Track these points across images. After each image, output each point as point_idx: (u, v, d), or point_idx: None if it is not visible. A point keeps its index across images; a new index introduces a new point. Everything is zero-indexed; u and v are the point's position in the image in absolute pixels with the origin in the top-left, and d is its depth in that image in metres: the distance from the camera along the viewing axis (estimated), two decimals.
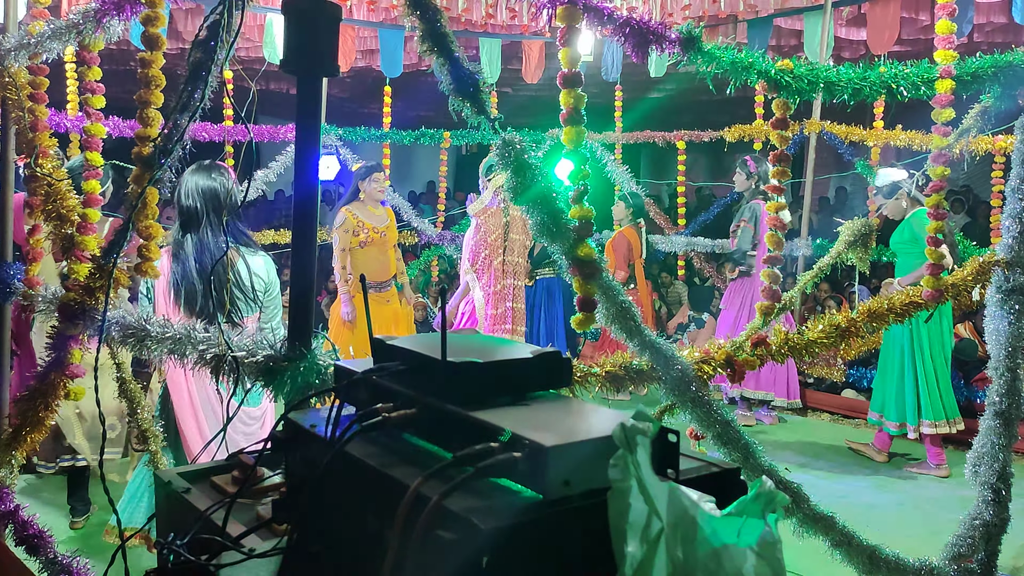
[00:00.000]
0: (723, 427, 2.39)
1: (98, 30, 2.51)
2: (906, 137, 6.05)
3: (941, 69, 2.72)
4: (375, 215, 5.50)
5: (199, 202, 2.92)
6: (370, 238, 5.39)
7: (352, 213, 5.41)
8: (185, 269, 2.90)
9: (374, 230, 5.42)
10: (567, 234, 2.15)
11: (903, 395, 5.06)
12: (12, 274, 3.14)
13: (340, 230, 5.38)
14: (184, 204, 2.94)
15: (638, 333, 2.25)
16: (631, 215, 6.56)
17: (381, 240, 5.45)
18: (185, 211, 2.95)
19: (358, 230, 5.37)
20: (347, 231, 5.37)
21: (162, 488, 1.45)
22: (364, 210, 5.46)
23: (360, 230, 5.38)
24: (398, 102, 7.65)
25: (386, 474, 0.93)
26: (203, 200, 2.93)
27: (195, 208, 2.92)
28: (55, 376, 2.67)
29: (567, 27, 2.17)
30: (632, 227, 6.54)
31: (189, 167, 3.00)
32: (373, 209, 5.51)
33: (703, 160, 13.87)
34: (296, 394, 1.79)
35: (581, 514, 0.84)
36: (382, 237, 5.45)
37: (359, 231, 5.37)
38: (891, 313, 2.79)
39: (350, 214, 5.40)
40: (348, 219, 5.39)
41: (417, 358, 1.04)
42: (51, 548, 2.76)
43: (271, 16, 6.63)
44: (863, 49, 7.40)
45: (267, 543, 1.19)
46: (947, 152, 2.85)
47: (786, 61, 2.53)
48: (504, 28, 7.96)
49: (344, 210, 5.45)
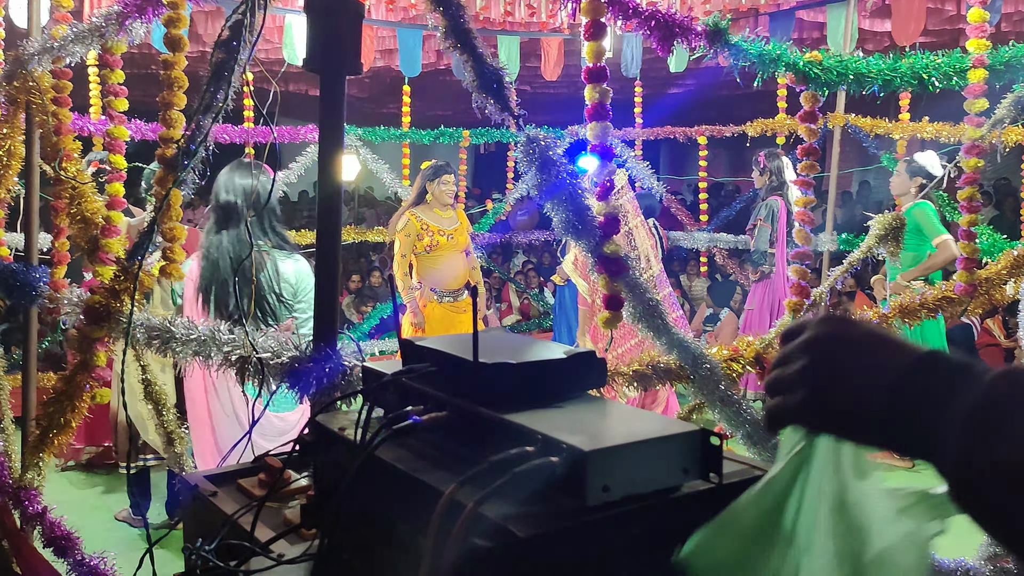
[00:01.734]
0: (753, 427, 2.35)
1: (120, 33, 2.52)
2: (933, 129, 5.94)
3: (974, 58, 2.66)
4: (443, 217, 5.15)
5: (239, 199, 2.87)
6: (436, 242, 5.02)
7: (415, 216, 5.06)
8: (215, 269, 2.86)
9: (440, 232, 5.05)
10: (593, 231, 2.12)
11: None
12: (38, 277, 3.16)
13: (402, 234, 5.02)
14: (223, 200, 2.89)
15: (666, 331, 2.21)
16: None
17: (450, 244, 5.08)
18: (224, 208, 2.90)
19: (422, 234, 5.02)
20: (408, 235, 5.01)
21: (188, 491, 1.44)
22: (430, 212, 5.11)
23: (425, 234, 5.03)
24: (417, 101, 7.64)
25: (418, 479, 0.90)
26: (243, 197, 2.88)
27: (234, 204, 2.87)
28: (81, 379, 2.68)
29: (592, 21, 2.14)
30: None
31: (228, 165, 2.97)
32: (440, 212, 5.15)
33: (724, 155, 13.75)
34: (321, 395, 1.78)
35: (621, 521, 0.81)
36: (450, 240, 5.08)
37: (423, 235, 5.02)
38: (923, 308, 2.74)
39: (413, 217, 5.06)
40: (411, 222, 5.04)
41: (448, 359, 1.01)
42: (79, 550, 2.78)
43: (291, 17, 6.64)
44: (887, 41, 7.29)
45: (295, 548, 1.17)
46: (980, 143, 2.79)
47: (815, 53, 2.48)
48: (523, 26, 7.93)
49: (408, 212, 5.10)
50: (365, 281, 9.36)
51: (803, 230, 2.72)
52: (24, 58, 3.01)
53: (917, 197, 5.04)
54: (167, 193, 2.12)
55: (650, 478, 0.84)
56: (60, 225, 3.02)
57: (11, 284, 3.41)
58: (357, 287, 9.27)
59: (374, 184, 13.73)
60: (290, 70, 7.05)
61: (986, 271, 2.90)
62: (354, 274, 9.42)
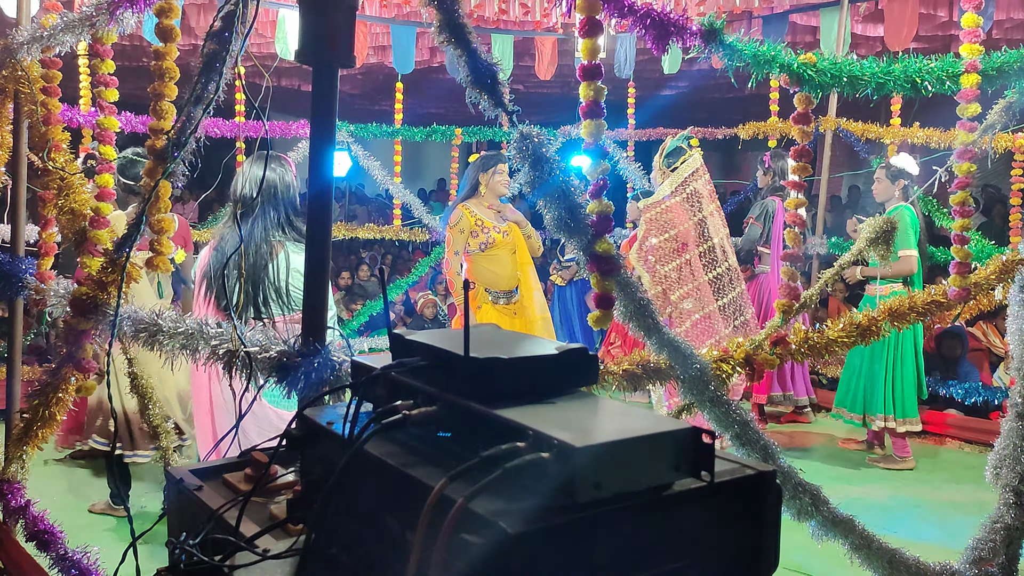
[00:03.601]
0: (742, 427, 2.35)
1: (111, 22, 2.49)
2: (924, 134, 5.98)
3: (967, 63, 2.66)
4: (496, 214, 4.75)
5: (256, 192, 2.86)
6: (492, 239, 4.61)
7: (470, 211, 4.64)
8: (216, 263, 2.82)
9: (496, 230, 4.64)
10: (585, 229, 2.11)
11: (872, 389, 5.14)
12: (24, 268, 3.13)
13: (455, 230, 4.61)
14: (242, 193, 2.88)
15: (656, 331, 2.21)
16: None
17: (505, 241, 4.66)
18: (241, 200, 2.88)
19: (477, 231, 4.62)
20: (463, 231, 4.60)
21: (173, 485, 1.42)
22: (483, 208, 4.68)
23: (480, 231, 4.62)
24: (410, 99, 7.62)
25: (407, 474, 0.89)
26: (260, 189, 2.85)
27: (251, 197, 2.85)
28: (67, 371, 2.65)
29: (587, 18, 2.13)
30: None
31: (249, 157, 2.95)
32: (491, 207, 4.74)
33: (716, 157, 13.80)
34: (310, 391, 1.77)
35: (611, 518, 0.81)
36: (506, 238, 4.66)
37: (479, 232, 4.62)
38: (912, 312, 2.74)
39: (467, 211, 4.63)
40: (465, 217, 4.63)
41: (438, 354, 1.01)
42: (62, 544, 2.75)
43: (284, 12, 6.61)
44: (880, 45, 7.32)
45: (281, 543, 1.16)
46: (972, 148, 2.80)
47: (809, 55, 2.49)
48: (516, 24, 7.92)
49: (461, 207, 4.68)
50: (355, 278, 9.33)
51: (793, 231, 2.73)
52: (13, 47, 2.98)
53: (900, 200, 5.14)
54: (155, 184, 2.10)
55: (641, 475, 0.83)
56: (47, 216, 2.99)
57: None
58: (347, 284, 9.24)
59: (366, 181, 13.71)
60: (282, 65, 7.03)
61: (975, 276, 2.91)
62: (344, 271, 9.39)
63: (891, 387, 5.08)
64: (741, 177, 12.07)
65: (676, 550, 0.86)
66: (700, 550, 0.87)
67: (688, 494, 0.85)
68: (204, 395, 2.97)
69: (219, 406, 2.97)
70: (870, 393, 5.15)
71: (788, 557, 3.72)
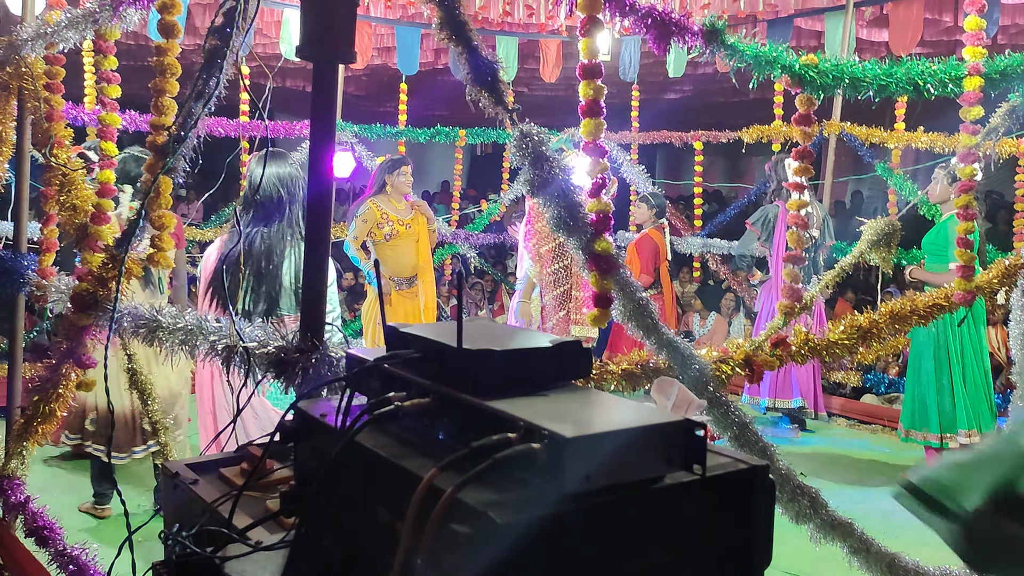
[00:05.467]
0: (740, 429, 2.35)
1: (115, 19, 2.50)
2: (928, 139, 5.95)
3: (969, 66, 2.66)
4: (400, 209, 5.43)
5: (283, 192, 2.79)
6: (395, 231, 5.31)
7: (376, 205, 5.34)
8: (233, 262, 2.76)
9: (399, 222, 5.34)
10: (584, 228, 2.11)
11: (942, 405, 4.76)
12: (26, 264, 3.13)
13: (359, 219, 5.30)
14: (265, 193, 2.80)
15: (655, 331, 2.21)
16: (654, 216, 6.34)
17: (408, 233, 5.37)
18: (264, 201, 2.80)
19: (382, 223, 5.29)
20: (365, 221, 5.29)
21: (169, 479, 1.43)
22: (388, 203, 5.39)
23: (385, 223, 5.30)
24: (414, 100, 7.63)
25: (398, 465, 0.89)
26: (287, 190, 2.80)
27: (274, 197, 2.78)
28: (67, 367, 2.65)
29: (588, 17, 2.13)
30: (656, 228, 6.31)
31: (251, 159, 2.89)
32: (396, 203, 5.42)
33: (720, 162, 13.79)
34: (308, 386, 1.76)
35: (601, 509, 0.80)
36: (408, 230, 5.37)
37: (383, 223, 5.30)
38: (914, 315, 2.73)
39: (374, 205, 5.33)
40: (371, 210, 5.33)
41: (432, 346, 1.00)
42: (60, 540, 2.75)
43: (288, 12, 6.62)
44: (884, 50, 7.31)
45: (275, 535, 1.15)
46: (975, 151, 2.79)
47: (811, 56, 2.48)
48: (521, 27, 7.93)
49: (369, 201, 5.37)
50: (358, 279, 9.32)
51: (795, 233, 2.72)
52: (17, 44, 2.99)
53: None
54: (155, 179, 2.10)
55: (632, 468, 0.83)
56: (49, 212, 3.00)
57: None
58: (350, 284, 9.23)
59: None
60: (287, 65, 7.03)
61: (977, 280, 2.90)
62: (347, 272, 9.38)
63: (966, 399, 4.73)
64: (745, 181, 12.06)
65: (667, 543, 0.85)
66: (691, 543, 0.87)
67: (679, 487, 0.85)
68: (207, 393, 2.97)
69: (221, 405, 2.97)
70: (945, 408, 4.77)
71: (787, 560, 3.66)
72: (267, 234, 2.80)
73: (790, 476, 2.42)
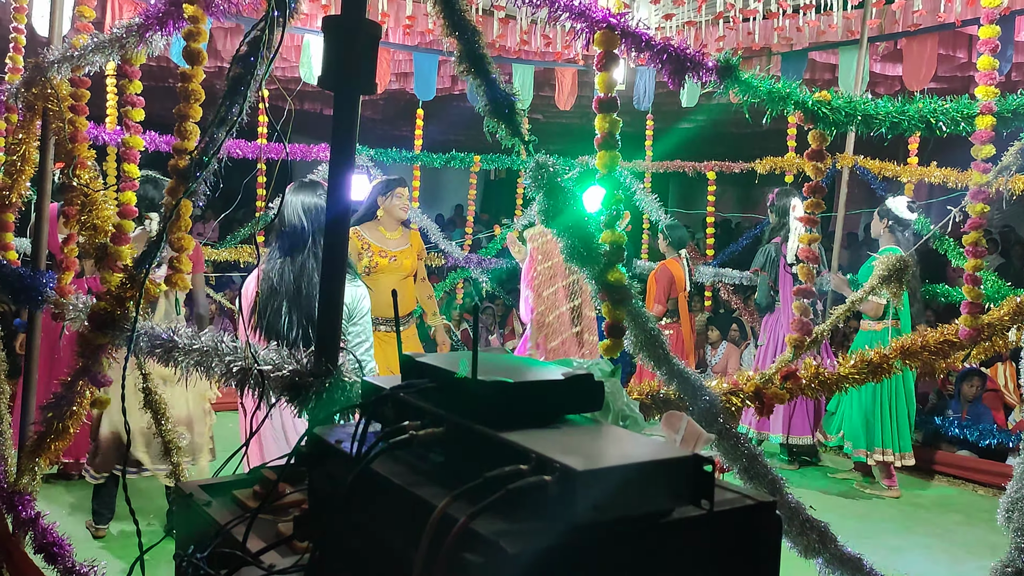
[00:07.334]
0: (750, 461, 2.35)
1: (140, 44, 2.55)
2: (941, 174, 5.97)
3: (982, 105, 2.68)
4: (388, 238, 4.57)
5: (305, 221, 2.78)
6: (376, 263, 4.44)
7: (358, 234, 4.48)
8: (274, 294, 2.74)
9: (381, 254, 4.46)
10: (598, 259, 2.13)
11: (871, 424, 5.36)
12: (44, 282, 3.18)
13: None
14: (290, 224, 2.79)
15: (666, 361, 2.22)
16: (670, 247, 6.41)
17: (392, 266, 4.49)
18: (290, 232, 2.80)
19: (362, 252, 4.45)
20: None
21: (183, 500, 1.44)
22: (375, 231, 4.55)
23: (365, 253, 4.45)
24: (430, 125, 7.71)
25: (412, 493, 0.91)
26: (309, 219, 2.78)
27: (300, 228, 2.77)
28: (82, 384, 2.68)
29: (604, 52, 2.17)
30: (675, 259, 6.37)
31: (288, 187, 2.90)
32: (386, 231, 4.58)
33: (732, 191, 13.82)
34: (321, 410, 1.78)
35: (611, 541, 0.82)
36: (392, 263, 4.49)
37: (363, 254, 4.45)
38: (925, 351, 2.73)
39: (355, 235, 4.42)
40: (351, 241, 4.33)
41: (446, 376, 1.02)
42: (70, 557, 2.76)
43: (309, 37, 6.72)
44: (898, 85, 7.34)
45: (287, 560, 1.17)
46: (986, 189, 2.81)
47: (824, 92, 2.51)
48: (538, 55, 8.01)
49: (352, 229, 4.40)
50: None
51: (806, 267, 2.73)
52: (44, 65, 3.06)
53: (890, 242, 5.35)
54: (177, 202, 2.14)
55: (641, 501, 0.84)
56: (70, 231, 3.05)
57: (16, 288, 3.43)
58: None
59: None
60: (305, 88, 7.13)
61: (988, 316, 2.90)
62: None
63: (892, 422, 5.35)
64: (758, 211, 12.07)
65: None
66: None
67: (687, 521, 0.86)
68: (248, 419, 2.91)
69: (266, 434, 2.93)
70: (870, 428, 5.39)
71: None
72: (293, 263, 2.81)
73: (799, 510, 2.41)
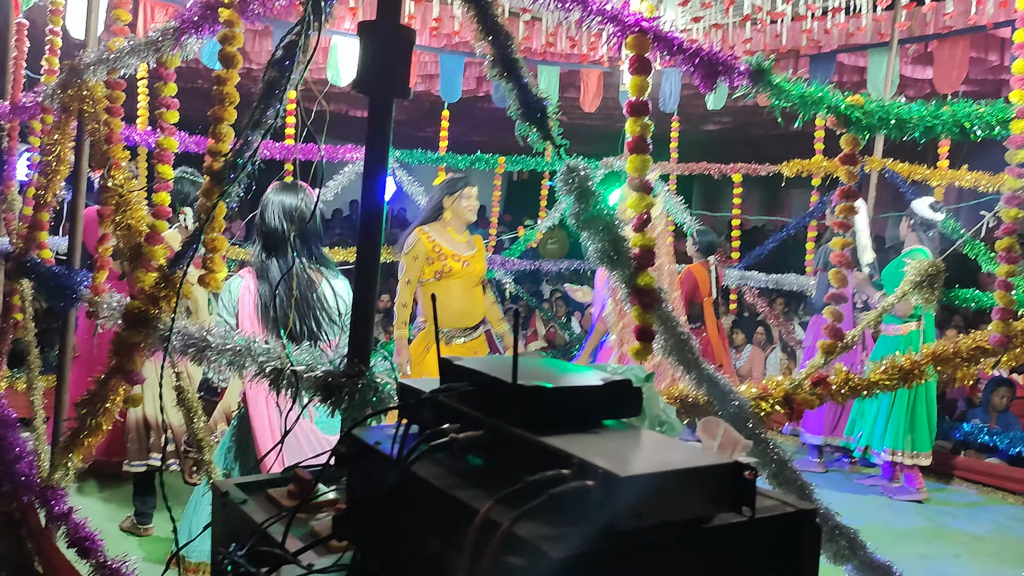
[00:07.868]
0: (779, 466, 2.34)
1: (175, 48, 2.59)
2: (972, 178, 5.88)
3: (1017, 109, 2.65)
4: (459, 242, 4.25)
5: (284, 223, 2.83)
6: (449, 268, 4.13)
7: (427, 235, 4.15)
8: (273, 291, 2.81)
9: (454, 258, 4.16)
10: (627, 262, 2.13)
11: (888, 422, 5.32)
12: (79, 281, 3.23)
13: (409, 256, 4.13)
14: (269, 225, 2.86)
15: (696, 366, 2.22)
16: (698, 252, 6.34)
17: (465, 271, 4.18)
18: (270, 232, 2.86)
19: (433, 257, 4.13)
20: (416, 258, 4.11)
21: (219, 498, 1.46)
22: (444, 233, 4.22)
23: (437, 257, 4.13)
24: (455, 127, 7.73)
25: (453, 496, 0.92)
26: (288, 221, 2.83)
27: (279, 229, 2.84)
28: (115, 382, 2.72)
29: (637, 56, 2.17)
30: (701, 264, 6.30)
31: (271, 187, 2.96)
32: (455, 234, 4.24)
33: (757, 194, 13.73)
34: (353, 411, 1.80)
35: (651, 547, 0.82)
36: (465, 268, 4.19)
37: (435, 259, 4.13)
38: (957, 357, 2.71)
39: (425, 236, 4.14)
40: (422, 243, 4.13)
41: (486, 380, 1.03)
42: (102, 551, 2.81)
43: (336, 39, 6.77)
44: (928, 88, 7.27)
45: (323, 559, 1.18)
46: (1021, 194, 2.77)
47: (857, 96, 2.49)
48: (563, 57, 8.02)
49: (418, 231, 4.18)
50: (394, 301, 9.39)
51: (839, 271, 2.72)
52: (80, 68, 3.11)
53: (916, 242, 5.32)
54: (214, 205, 2.17)
55: (682, 507, 0.85)
56: (104, 231, 3.09)
57: (51, 286, 3.49)
58: (386, 307, 9.31)
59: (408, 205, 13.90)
60: (331, 90, 7.17)
61: (1021, 323, 2.86)
62: (383, 294, 9.47)
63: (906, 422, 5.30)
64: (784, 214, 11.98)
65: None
66: None
67: (727, 528, 0.86)
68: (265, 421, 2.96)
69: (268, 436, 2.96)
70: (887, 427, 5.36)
71: None
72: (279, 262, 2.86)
73: (828, 516, 2.40)
